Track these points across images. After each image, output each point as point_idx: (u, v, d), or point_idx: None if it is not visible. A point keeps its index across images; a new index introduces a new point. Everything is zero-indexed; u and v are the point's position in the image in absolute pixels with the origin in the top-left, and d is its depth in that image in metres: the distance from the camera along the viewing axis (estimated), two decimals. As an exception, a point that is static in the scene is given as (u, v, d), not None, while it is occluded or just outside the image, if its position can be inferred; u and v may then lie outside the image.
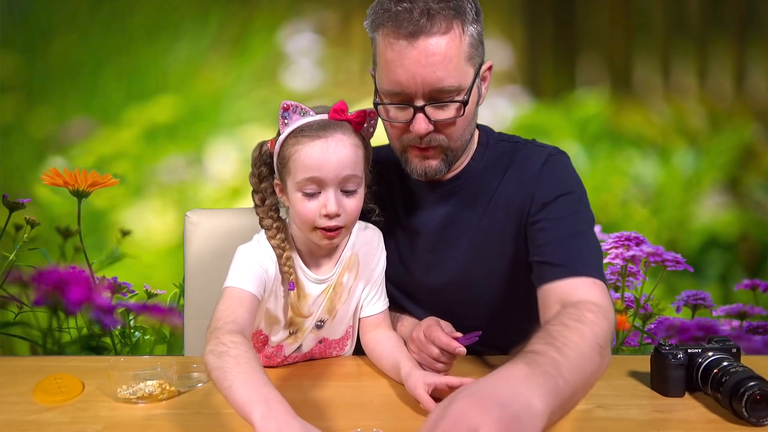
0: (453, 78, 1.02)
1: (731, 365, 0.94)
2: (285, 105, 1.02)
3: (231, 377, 0.83)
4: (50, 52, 2.07)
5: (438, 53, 1.00)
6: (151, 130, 2.07)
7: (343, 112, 1.02)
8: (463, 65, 1.02)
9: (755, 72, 2.04)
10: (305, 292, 1.08)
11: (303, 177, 1.00)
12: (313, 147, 0.99)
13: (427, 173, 1.09)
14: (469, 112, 1.06)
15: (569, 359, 0.81)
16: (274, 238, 1.05)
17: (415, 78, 1.01)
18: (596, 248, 1.07)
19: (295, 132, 1.01)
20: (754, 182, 2.05)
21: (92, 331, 1.96)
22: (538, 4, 2.10)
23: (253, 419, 0.78)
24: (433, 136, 1.06)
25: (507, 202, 1.12)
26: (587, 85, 2.07)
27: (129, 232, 2.07)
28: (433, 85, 1.01)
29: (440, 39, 1.00)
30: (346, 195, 1.02)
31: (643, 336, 1.94)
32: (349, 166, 1.00)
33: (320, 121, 1.01)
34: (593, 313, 0.92)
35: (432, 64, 1.00)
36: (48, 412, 0.94)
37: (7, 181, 2.06)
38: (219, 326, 0.92)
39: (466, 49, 1.02)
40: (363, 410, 0.95)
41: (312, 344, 1.13)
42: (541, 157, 1.12)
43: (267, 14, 2.07)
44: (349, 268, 1.11)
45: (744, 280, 2.02)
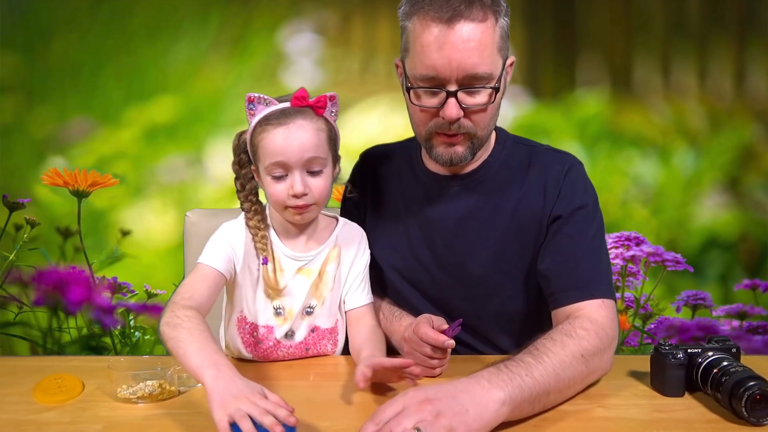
0: (486, 65, 1.04)
1: (731, 365, 0.94)
2: (249, 97, 1.11)
3: (185, 346, 0.94)
4: (50, 52, 2.07)
5: (474, 39, 1.02)
6: (151, 130, 2.07)
7: (304, 99, 1.10)
8: (495, 54, 1.05)
9: (755, 72, 2.04)
10: (281, 266, 1.15)
11: (269, 162, 1.08)
12: (276, 134, 1.08)
13: (452, 160, 1.12)
14: (497, 101, 1.09)
15: (543, 363, 0.91)
16: (252, 219, 1.14)
17: (451, 62, 1.03)
18: (606, 264, 1.12)
19: (261, 121, 1.10)
20: (754, 182, 2.05)
21: (92, 331, 1.96)
22: (538, 4, 2.10)
23: (205, 381, 0.87)
24: (462, 123, 1.08)
25: (527, 205, 1.14)
26: (587, 85, 2.07)
27: (129, 232, 2.07)
28: (468, 71, 1.03)
29: (477, 26, 1.02)
30: (311, 175, 1.10)
31: (643, 336, 1.94)
32: (311, 148, 1.08)
33: (283, 108, 1.10)
34: (585, 330, 0.99)
35: (468, 50, 1.02)
36: (48, 412, 0.94)
37: (7, 181, 2.06)
38: (176, 300, 1.03)
39: (498, 39, 1.05)
40: (363, 410, 0.95)
41: (305, 332, 1.16)
42: (563, 166, 1.15)
43: (267, 14, 2.07)
44: (332, 260, 1.17)
45: (744, 280, 2.02)
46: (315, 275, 1.15)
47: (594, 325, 1.01)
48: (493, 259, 1.15)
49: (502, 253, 1.15)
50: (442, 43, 1.03)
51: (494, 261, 1.15)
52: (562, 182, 1.13)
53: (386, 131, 2.07)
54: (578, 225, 1.11)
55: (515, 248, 1.14)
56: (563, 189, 1.13)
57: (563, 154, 1.19)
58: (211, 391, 0.85)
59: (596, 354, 0.98)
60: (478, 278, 1.16)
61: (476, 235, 1.16)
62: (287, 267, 1.15)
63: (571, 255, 1.09)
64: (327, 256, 1.17)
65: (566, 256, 1.10)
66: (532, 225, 1.13)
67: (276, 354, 1.14)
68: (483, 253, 1.15)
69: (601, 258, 1.11)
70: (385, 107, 1.98)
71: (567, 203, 1.12)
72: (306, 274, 1.15)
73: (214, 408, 0.83)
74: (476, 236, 1.16)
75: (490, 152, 1.19)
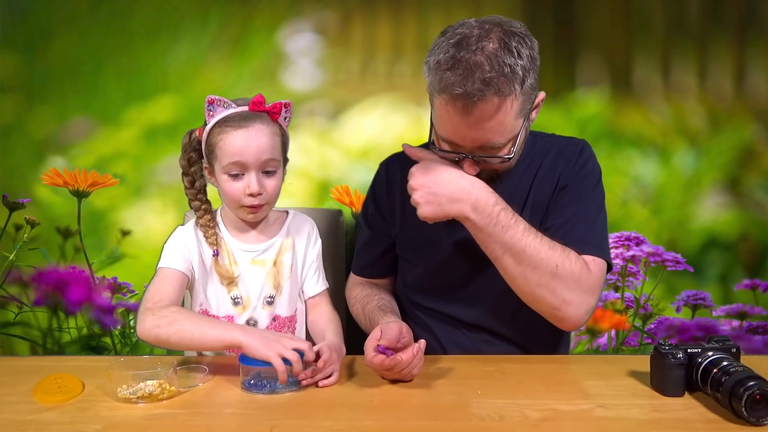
0: (503, 137, 1.10)
1: (731, 365, 0.94)
2: (210, 99, 1.18)
3: (198, 328, 1.06)
4: (50, 52, 2.07)
5: (490, 119, 1.06)
6: (151, 130, 2.07)
7: (261, 104, 1.18)
8: (513, 122, 1.09)
9: (755, 72, 2.04)
10: (234, 259, 1.23)
11: (228, 161, 1.16)
12: (236, 135, 1.15)
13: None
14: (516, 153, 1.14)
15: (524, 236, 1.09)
16: (202, 218, 1.22)
17: (466, 139, 1.09)
18: (601, 228, 1.21)
19: (219, 122, 1.17)
20: (754, 182, 2.05)
21: (92, 331, 1.96)
22: (538, 4, 2.10)
23: (239, 338, 1.02)
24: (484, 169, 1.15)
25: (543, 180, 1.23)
26: (587, 85, 2.07)
27: (129, 232, 2.06)
28: (484, 144, 1.10)
29: (492, 107, 1.05)
30: (266, 176, 1.18)
31: (643, 336, 1.94)
32: (267, 150, 1.17)
33: (242, 112, 1.18)
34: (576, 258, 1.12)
35: (483, 129, 1.07)
36: (48, 412, 0.94)
37: (7, 181, 2.06)
38: (150, 306, 1.10)
39: (518, 107, 1.08)
40: (363, 410, 0.95)
41: (267, 321, 1.22)
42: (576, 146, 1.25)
43: (267, 14, 2.07)
44: (286, 250, 1.26)
45: (744, 280, 2.02)
46: (270, 265, 1.23)
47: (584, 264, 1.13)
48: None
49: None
50: (458, 125, 1.08)
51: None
52: (574, 158, 1.23)
53: (386, 131, 2.08)
54: (580, 192, 1.20)
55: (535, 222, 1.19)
56: (572, 162, 1.22)
57: (575, 138, 1.29)
58: (249, 341, 1.00)
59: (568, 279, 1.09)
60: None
61: None
62: (240, 259, 1.23)
63: (569, 217, 1.18)
64: (281, 247, 1.25)
65: (565, 218, 1.19)
66: (546, 197, 1.22)
67: None
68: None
69: (596, 222, 1.20)
70: (385, 107, 1.97)
71: (574, 173, 1.21)
72: (260, 265, 1.22)
73: (261, 351, 0.98)
74: None
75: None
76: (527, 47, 1.08)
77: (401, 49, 2.02)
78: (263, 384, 1.00)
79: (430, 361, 1.13)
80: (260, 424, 0.90)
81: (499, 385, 1.03)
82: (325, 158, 2.04)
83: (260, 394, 0.99)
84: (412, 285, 1.32)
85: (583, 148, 1.26)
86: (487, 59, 1.04)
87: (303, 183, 1.90)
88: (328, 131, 2.00)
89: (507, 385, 1.02)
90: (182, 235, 1.24)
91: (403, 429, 0.89)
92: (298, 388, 1.01)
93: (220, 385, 1.04)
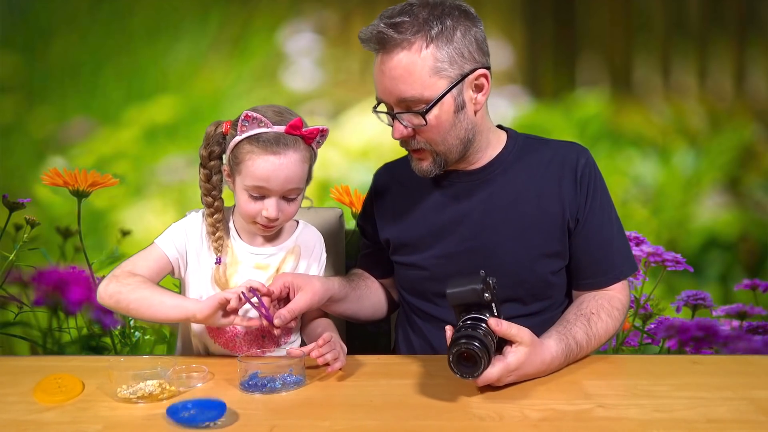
0: (414, 90, 1.10)
1: (464, 326, 0.97)
2: (247, 115, 1.11)
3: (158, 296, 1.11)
4: (50, 52, 2.07)
5: (398, 67, 1.10)
6: (151, 130, 2.07)
7: (299, 129, 1.11)
8: (426, 78, 1.10)
9: (755, 72, 2.04)
10: (237, 259, 1.20)
11: (251, 183, 1.12)
12: (266, 161, 1.10)
13: (422, 173, 1.21)
14: (439, 120, 1.13)
15: (588, 345, 1.13)
16: (211, 217, 1.18)
17: (384, 90, 1.14)
18: (625, 243, 1.26)
19: (252, 138, 1.11)
20: (754, 182, 2.05)
21: (92, 331, 1.96)
22: (538, 4, 2.10)
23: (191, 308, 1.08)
24: (413, 140, 1.17)
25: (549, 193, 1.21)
26: (587, 85, 2.07)
27: (129, 232, 2.07)
28: (396, 95, 1.12)
29: (398, 54, 1.09)
30: (287, 201, 1.15)
31: (643, 336, 1.94)
32: (294, 181, 1.12)
33: (275, 134, 1.11)
34: (618, 312, 1.20)
35: (394, 77, 1.11)
36: (48, 412, 0.94)
37: (7, 181, 2.06)
38: (118, 273, 1.14)
39: (431, 62, 1.10)
40: (363, 410, 0.95)
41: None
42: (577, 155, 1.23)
43: (267, 14, 2.07)
44: (290, 260, 1.23)
45: (744, 280, 2.02)
46: (272, 271, 1.21)
47: (621, 303, 1.21)
48: (521, 247, 1.20)
49: (528, 241, 1.20)
50: (377, 74, 1.14)
51: (522, 249, 1.20)
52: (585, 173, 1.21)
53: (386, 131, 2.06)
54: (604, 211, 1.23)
55: (542, 235, 1.21)
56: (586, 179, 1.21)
57: (573, 144, 1.27)
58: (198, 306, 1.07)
59: (619, 328, 1.20)
60: (507, 266, 1.20)
61: (503, 223, 1.21)
62: (244, 260, 1.20)
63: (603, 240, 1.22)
64: (285, 256, 1.22)
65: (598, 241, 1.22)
66: (556, 212, 1.20)
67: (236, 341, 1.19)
68: (510, 242, 1.21)
69: (617, 239, 1.24)
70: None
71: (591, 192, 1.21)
72: (263, 269, 1.21)
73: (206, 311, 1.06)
74: (503, 225, 1.21)
75: (503, 147, 1.25)
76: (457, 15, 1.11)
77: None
78: (263, 384, 1.00)
79: (430, 361, 1.13)
80: (260, 424, 0.90)
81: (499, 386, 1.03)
82: (325, 158, 2.03)
83: (260, 394, 0.99)
84: (405, 288, 1.32)
85: (587, 159, 1.23)
86: (402, 7, 1.11)
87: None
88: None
89: (507, 385, 1.02)
90: (189, 224, 1.21)
91: (403, 429, 0.89)
92: (297, 388, 1.02)
93: (219, 385, 1.04)
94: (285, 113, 1.14)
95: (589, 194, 1.21)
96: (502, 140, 1.26)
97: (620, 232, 1.26)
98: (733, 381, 1.03)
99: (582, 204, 1.21)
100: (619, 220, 1.26)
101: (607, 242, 1.22)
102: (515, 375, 1.01)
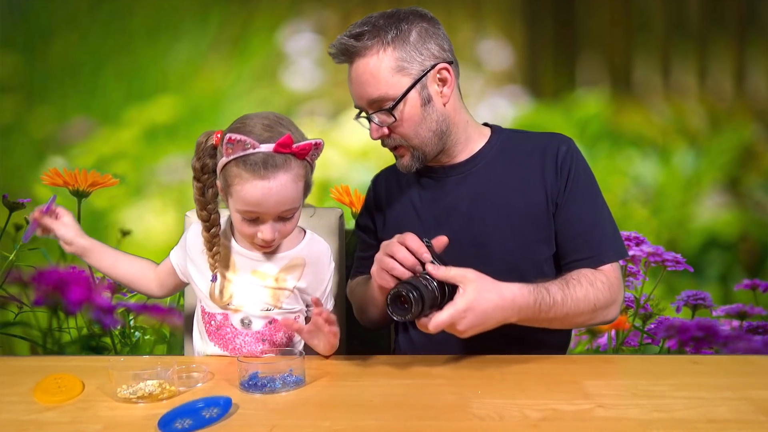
0: (380, 90, 1.18)
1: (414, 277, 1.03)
2: (230, 138, 1.04)
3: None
4: (50, 52, 2.07)
5: (365, 72, 1.18)
6: (151, 130, 2.07)
7: (289, 146, 1.05)
8: (389, 78, 1.18)
9: (755, 72, 2.04)
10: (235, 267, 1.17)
11: (243, 208, 1.07)
12: (255, 186, 1.04)
13: (403, 168, 1.25)
14: (408, 115, 1.20)
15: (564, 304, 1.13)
16: (208, 232, 1.14)
17: (357, 96, 1.22)
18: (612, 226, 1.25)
19: (239, 159, 1.05)
20: (754, 182, 2.05)
21: (92, 331, 1.96)
22: (538, 4, 2.10)
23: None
24: (389, 139, 1.23)
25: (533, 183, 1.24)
26: (587, 85, 2.07)
27: (129, 232, 2.07)
28: (366, 98, 1.20)
29: (360, 60, 1.18)
30: (283, 221, 1.10)
31: (643, 336, 1.94)
32: (287, 203, 1.08)
33: (264, 155, 1.04)
34: (602, 284, 1.18)
35: (362, 82, 1.19)
36: (48, 412, 0.94)
37: (7, 181, 2.06)
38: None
39: (390, 63, 1.17)
40: (363, 410, 0.95)
41: (263, 323, 1.18)
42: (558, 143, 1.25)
43: (267, 14, 2.07)
44: (294, 269, 1.17)
45: (744, 280, 2.02)
46: (270, 281, 1.16)
47: (608, 280, 1.19)
48: (511, 236, 1.23)
49: (517, 229, 1.23)
50: (348, 79, 1.23)
51: (512, 237, 1.23)
52: (567, 159, 1.24)
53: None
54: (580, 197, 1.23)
55: (529, 224, 1.23)
56: (567, 165, 1.23)
57: (555, 134, 1.29)
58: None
59: (605, 306, 1.18)
60: (498, 255, 1.22)
61: (491, 215, 1.24)
62: (242, 266, 1.17)
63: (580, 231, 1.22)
64: (287, 265, 1.17)
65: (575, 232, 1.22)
66: (540, 200, 1.23)
67: (235, 342, 1.17)
68: (500, 231, 1.23)
69: (603, 222, 1.24)
70: (385, 107, 1.98)
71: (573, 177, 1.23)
72: (261, 277, 1.16)
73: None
74: (491, 216, 1.24)
75: (486, 141, 1.29)
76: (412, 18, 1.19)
77: (401, 49, 2.01)
78: (263, 384, 1.00)
79: (430, 360, 1.13)
80: (260, 424, 0.90)
81: (499, 385, 1.03)
82: (325, 158, 2.03)
83: (260, 394, 0.99)
84: None
85: (569, 146, 1.26)
86: (363, 20, 1.20)
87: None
88: (328, 131, 1.99)
89: (507, 385, 1.02)
90: (189, 238, 1.20)
91: (403, 429, 0.89)
92: (297, 388, 1.01)
93: (219, 385, 1.04)
94: (275, 126, 1.07)
95: (569, 179, 1.23)
96: (486, 135, 1.30)
97: (606, 218, 1.26)
98: (733, 381, 1.03)
99: (561, 188, 1.23)
100: (607, 208, 1.26)
101: (590, 225, 1.23)
102: (472, 315, 1.02)
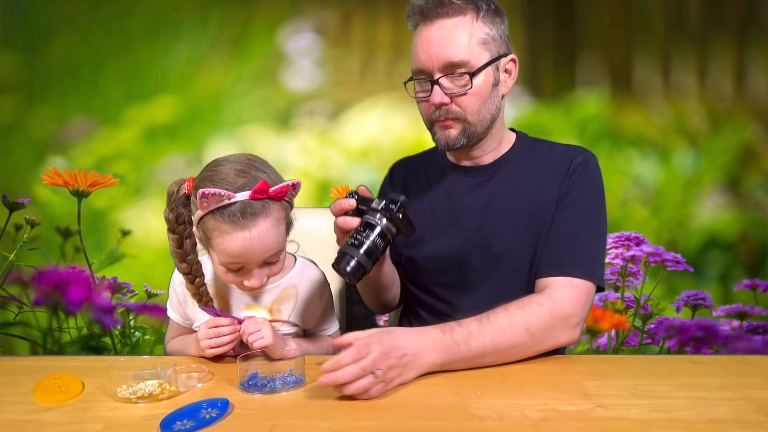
0: (462, 54, 1.14)
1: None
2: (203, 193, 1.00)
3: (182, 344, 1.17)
4: (50, 52, 2.07)
5: (452, 33, 1.14)
6: (151, 130, 2.07)
7: (265, 192, 1.02)
8: (474, 46, 1.15)
9: (755, 72, 2.04)
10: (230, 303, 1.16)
11: (226, 260, 1.04)
12: (235, 238, 1.01)
13: (448, 143, 1.20)
14: (480, 89, 1.17)
15: (483, 334, 1.03)
16: (192, 284, 1.11)
17: (430, 54, 1.15)
18: (593, 249, 1.18)
19: (215, 212, 1.01)
20: (754, 182, 2.05)
21: (92, 331, 1.96)
22: (538, 4, 2.10)
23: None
24: (449, 108, 1.18)
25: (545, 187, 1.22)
26: (587, 85, 2.07)
27: (129, 232, 2.07)
28: (444, 59, 1.14)
29: (450, 20, 1.15)
30: (269, 265, 1.07)
31: (643, 336, 1.94)
32: (272, 248, 1.04)
33: (241, 205, 1.01)
34: (539, 306, 1.08)
35: (446, 43, 1.14)
36: (48, 412, 0.94)
37: (7, 181, 2.06)
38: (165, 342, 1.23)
39: (479, 34, 1.16)
40: (363, 410, 0.95)
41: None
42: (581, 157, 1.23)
43: (267, 14, 2.07)
44: (287, 299, 1.16)
45: (744, 280, 2.02)
46: (264, 313, 1.15)
47: (550, 301, 1.09)
48: (512, 236, 1.21)
49: (518, 231, 1.21)
50: (423, 39, 1.16)
51: (513, 238, 1.21)
52: (578, 169, 1.21)
53: (386, 131, 2.08)
54: (577, 207, 1.19)
55: (531, 227, 1.21)
56: (577, 174, 1.21)
57: (579, 147, 1.27)
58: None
59: (545, 328, 1.07)
60: (500, 256, 1.21)
61: (499, 216, 1.23)
62: (234, 303, 1.16)
63: (563, 232, 1.17)
64: (279, 295, 1.15)
65: (558, 233, 1.18)
66: (547, 205, 1.21)
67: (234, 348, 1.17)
68: (503, 232, 1.22)
69: (589, 241, 1.18)
70: (385, 107, 1.98)
71: (576, 186, 1.20)
72: (255, 311, 1.16)
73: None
74: (499, 217, 1.23)
75: (511, 146, 1.28)
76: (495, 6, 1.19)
77: (401, 49, 2.02)
78: (263, 384, 1.00)
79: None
80: (260, 424, 0.89)
81: (499, 385, 1.03)
82: (325, 158, 2.04)
83: (259, 394, 0.99)
84: (410, 280, 1.33)
85: (588, 159, 1.23)
86: None
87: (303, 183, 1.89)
88: (328, 131, 2.00)
89: (507, 385, 1.02)
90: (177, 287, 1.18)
91: (403, 429, 0.89)
92: (297, 388, 1.02)
93: (219, 385, 1.04)
94: (249, 170, 1.04)
95: (574, 188, 1.19)
96: (511, 140, 1.30)
97: (595, 239, 1.19)
98: (733, 381, 1.03)
99: (564, 193, 1.20)
100: (602, 233, 1.20)
101: (572, 236, 1.16)
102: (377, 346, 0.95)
